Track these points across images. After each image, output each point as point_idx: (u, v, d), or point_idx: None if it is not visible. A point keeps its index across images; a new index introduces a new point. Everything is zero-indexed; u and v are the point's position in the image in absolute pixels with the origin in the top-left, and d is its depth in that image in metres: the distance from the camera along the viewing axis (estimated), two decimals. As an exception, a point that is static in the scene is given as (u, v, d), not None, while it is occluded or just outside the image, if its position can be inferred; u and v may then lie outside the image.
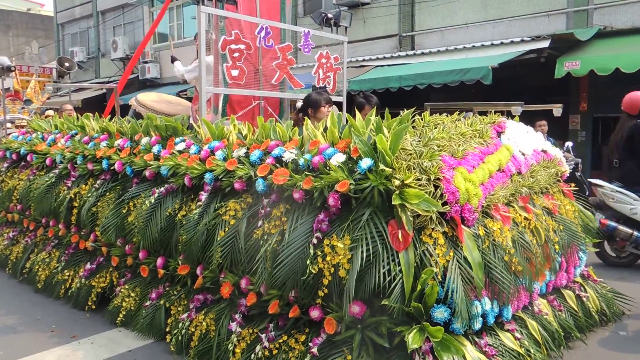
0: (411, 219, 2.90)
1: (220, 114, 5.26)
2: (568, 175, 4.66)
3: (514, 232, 3.41)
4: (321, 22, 5.80)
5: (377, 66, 12.77)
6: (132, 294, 4.22)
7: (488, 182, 3.41)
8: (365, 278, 2.88)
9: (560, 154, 4.70)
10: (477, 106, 6.13)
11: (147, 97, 6.49)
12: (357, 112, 3.52)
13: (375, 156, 3.09)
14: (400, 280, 2.82)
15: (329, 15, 5.79)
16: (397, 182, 2.92)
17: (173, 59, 5.99)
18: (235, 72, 4.80)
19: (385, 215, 2.99)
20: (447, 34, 12.99)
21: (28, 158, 5.74)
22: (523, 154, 4.15)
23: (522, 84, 11.37)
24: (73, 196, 4.87)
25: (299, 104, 4.81)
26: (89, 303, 4.53)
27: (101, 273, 4.63)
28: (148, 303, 4.07)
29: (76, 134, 5.49)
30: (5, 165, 6.19)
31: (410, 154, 3.14)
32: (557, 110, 6.23)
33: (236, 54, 4.80)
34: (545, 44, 10.38)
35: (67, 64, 12.16)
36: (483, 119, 4.20)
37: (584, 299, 4.23)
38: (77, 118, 5.91)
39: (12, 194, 5.80)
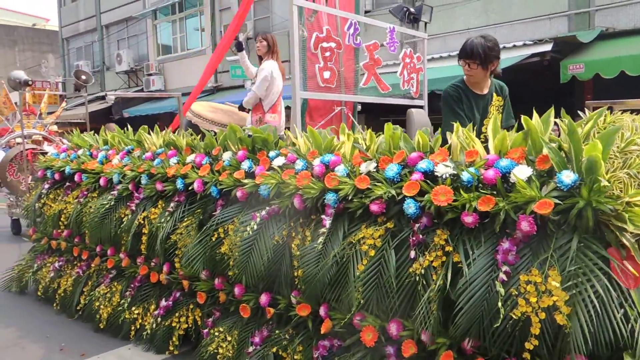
0: (637, 246, 2.28)
1: (300, 124, 4.62)
2: None
3: None
4: (402, 17, 5.17)
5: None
6: (229, 338, 3.55)
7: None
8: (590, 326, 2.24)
9: None
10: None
11: (202, 108, 5.82)
12: (534, 112, 2.86)
13: (572, 167, 2.46)
14: (643, 328, 2.18)
15: (412, 10, 5.17)
16: (621, 201, 2.29)
17: (240, 47, 5.22)
18: (327, 74, 4.16)
19: (600, 242, 2.35)
20: (449, 39, 12.54)
21: (76, 178, 5.05)
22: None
23: (526, 87, 11.00)
24: (142, 221, 4.21)
25: None
26: (171, 347, 3.88)
27: (181, 311, 3.97)
28: (251, 349, 3.41)
29: (132, 149, 4.84)
30: (46, 186, 5.48)
31: (613, 164, 2.51)
32: None
33: (327, 53, 4.16)
34: (547, 47, 10.14)
35: (83, 77, 11.53)
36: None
37: None
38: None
39: (59, 219, 5.12)
